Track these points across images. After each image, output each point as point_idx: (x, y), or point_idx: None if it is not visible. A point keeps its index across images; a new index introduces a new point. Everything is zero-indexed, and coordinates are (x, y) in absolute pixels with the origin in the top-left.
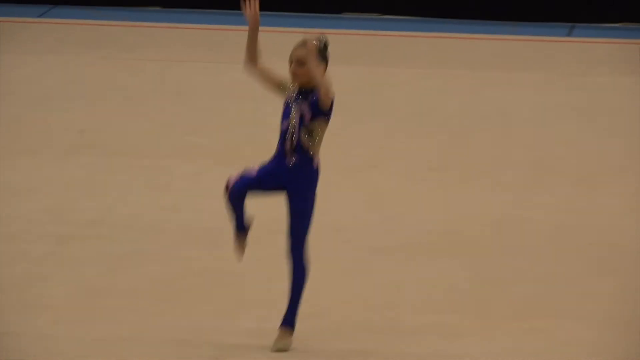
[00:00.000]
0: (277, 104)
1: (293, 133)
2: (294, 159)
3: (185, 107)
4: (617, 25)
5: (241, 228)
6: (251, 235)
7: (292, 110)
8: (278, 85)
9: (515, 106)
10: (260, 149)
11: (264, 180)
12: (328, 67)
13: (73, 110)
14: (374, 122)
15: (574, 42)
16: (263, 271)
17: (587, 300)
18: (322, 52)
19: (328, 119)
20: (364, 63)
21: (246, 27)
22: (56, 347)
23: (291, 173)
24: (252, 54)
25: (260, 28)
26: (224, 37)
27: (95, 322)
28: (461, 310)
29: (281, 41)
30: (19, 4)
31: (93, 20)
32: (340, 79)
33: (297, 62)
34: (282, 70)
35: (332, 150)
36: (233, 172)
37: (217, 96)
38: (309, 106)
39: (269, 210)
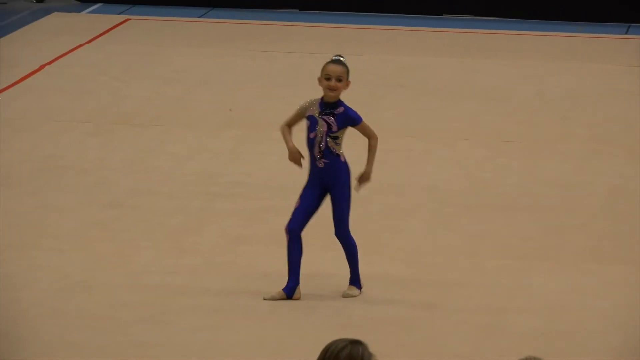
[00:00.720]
0: (386, 88)
1: (320, 141)
2: (323, 162)
3: (314, 91)
4: None
5: (289, 289)
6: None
7: (318, 122)
8: (299, 118)
9: (580, 91)
10: (373, 125)
11: (306, 195)
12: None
13: (224, 92)
14: (465, 103)
15: (630, 38)
16: (372, 225)
17: (636, 248)
18: (349, 71)
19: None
20: (458, 55)
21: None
22: (208, 282)
23: (324, 172)
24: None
25: (376, 27)
26: (345, 34)
27: (238, 266)
28: (532, 255)
29: (395, 37)
30: (184, 6)
31: (242, 19)
32: (439, 68)
33: (337, 78)
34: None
35: (431, 124)
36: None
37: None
38: (336, 119)
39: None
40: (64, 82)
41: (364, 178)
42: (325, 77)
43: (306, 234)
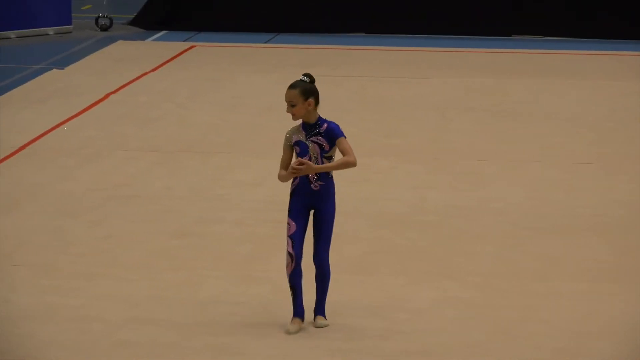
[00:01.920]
0: (455, 111)
1: (316, 163)
2: (319, 184)
3: (382, 115)
4: None
5: (298, 313)
6: (433, 217)
7: (309, 145)
8: (291, 150)
9: None
10: (443, 148)
11: (298, 217)
12: (316, 98)
13: (290, 118)
14: (536, 124)
15: None
16: (441, 249)
17: None
18: (307, 90)
19: (341, 137)
20: (528, 76)
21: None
22: (278, 311)
23: (319, 195)
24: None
25: (444, 49)
26: (413, 57)
27: (308, 294)
28: (608, 279)
29: (464, 59)
30: (250, 32)
31: (307, 44)
32: (509, 89)
33: (290, 104)
34: None
35: (501, 147)
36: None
37: (408, 106)
38: (325, 138)
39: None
40: (130, 110)
41: (304, 165)
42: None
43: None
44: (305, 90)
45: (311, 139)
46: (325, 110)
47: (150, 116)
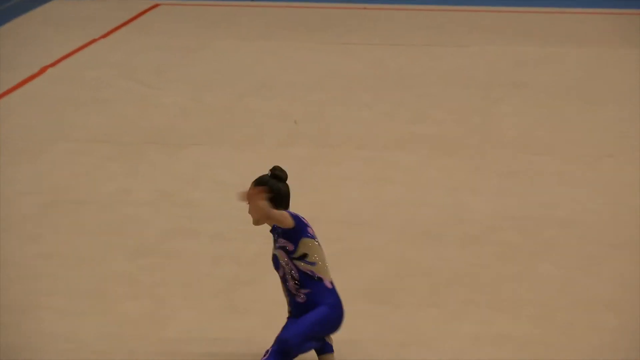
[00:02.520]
0: (503, 89)
1: (291, 270)
2: (303, 294)
3: (407, 94)
4: None
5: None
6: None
7: (277, 253)
8: None
9: None
10: (488, 138)
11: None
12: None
13: (286, 98)
14: (607, 107)
15: None
16: (487, 272)
17: None
18: (270, 187)
19: (308, 236)
20: (594, 43)
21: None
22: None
23: (309, 304)
24: None
25: (486, 8)
26: (446, 18)
27: None
28: None
29: (512, 22)
30: None
31: (303, 2)
32: (570, 61)
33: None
34: None
35: (564, 137)
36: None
37: (440, 82)
38: (283, 236)
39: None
40: (74, 89)
41: (246, 193)
42: None
43: None
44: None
45: (276, 243)
46: (334, 89)
47: (101, 97)
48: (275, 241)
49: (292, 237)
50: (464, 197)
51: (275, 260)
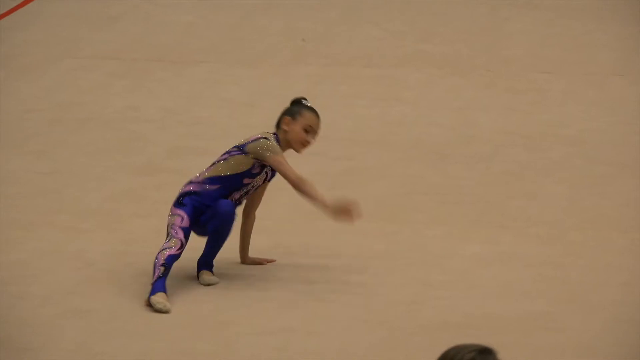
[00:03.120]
0: (511, 6)
1: (249, 192)
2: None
3: (416, 12)
4: None
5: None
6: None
7: (263, 171)
8: None
9: None
10: (496, 56)
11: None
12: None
13: (294, 15)
14: (603, 22)
15: None
16: (495, 190)
17: None
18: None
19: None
20: None
21: None
22: (277, 272)
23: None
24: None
25: None
26: None
27: (314, 246)
28: None
29: None
30: None
31: None
32: None
33: (315, 135)
34: None
35: (573, 54)
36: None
37: (451, 0)
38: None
39: None
40: (80, 5)
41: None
42: (306, 128)
43: None
44: None
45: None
46: (342, 6)
47: (107, 14)
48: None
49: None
50: (472, 115)
51: (259, 171)
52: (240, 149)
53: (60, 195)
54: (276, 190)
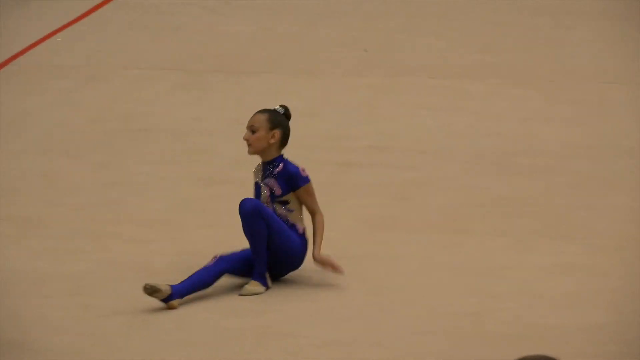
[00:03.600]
0: (575, 15)
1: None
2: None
3: (477, 22)
4: None
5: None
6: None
7: (262, 188)
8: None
9: None
10: (559, 66)
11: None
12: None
13: (356, 27)
14: None
15: None
16: (558, 201)
17: None
18: (277, 120)
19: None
20: None
21: None
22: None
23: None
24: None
25: None
26: None
27: (377, 256)
28: None
29: None
30: None
31: None
32: None
33: (249, 129)
34: None
35: (635, 66)
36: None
37: (511, 10)
38: (277, 180)
39: None
40: (142, 16)
41: (318, 262)
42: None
43: None
44: (275, 120)
45: (265, 180)
46: (403, 16)
47: (169, 24)
48: (263, 175)
49: (287, 185)
50: (535, 126)
51: (258, 190)
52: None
53: (124, 205)
54: (339, 201)
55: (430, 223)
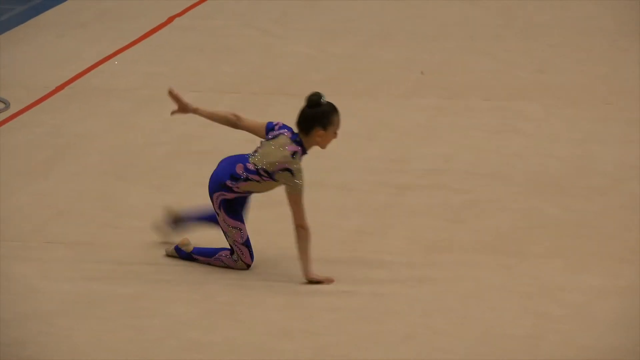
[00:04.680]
0: (634, 37)
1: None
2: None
3: (535, 43)
4: None
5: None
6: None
7: None
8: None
9: None
10: (616, 87)
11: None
12: None
13: (411, 48)
14: None
15: None
16: (614, 223)
17: None
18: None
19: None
20: None
21: None
22: (391, 305)
23: None
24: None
25: None
26: None
27: (431, 279)
28: None
29: None
30: None
31: None
32: None
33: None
34: None
35: None
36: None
37: (566, 31)
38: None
39: None
40: (200, 38)
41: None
42: (336, 132)
43: None
44: None
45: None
46: (459, 38)
47: (226, 46)
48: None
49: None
50: (590, 147)
51: None
52: (269, 175)
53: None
54: (396, 223)
55: (485, 245)
